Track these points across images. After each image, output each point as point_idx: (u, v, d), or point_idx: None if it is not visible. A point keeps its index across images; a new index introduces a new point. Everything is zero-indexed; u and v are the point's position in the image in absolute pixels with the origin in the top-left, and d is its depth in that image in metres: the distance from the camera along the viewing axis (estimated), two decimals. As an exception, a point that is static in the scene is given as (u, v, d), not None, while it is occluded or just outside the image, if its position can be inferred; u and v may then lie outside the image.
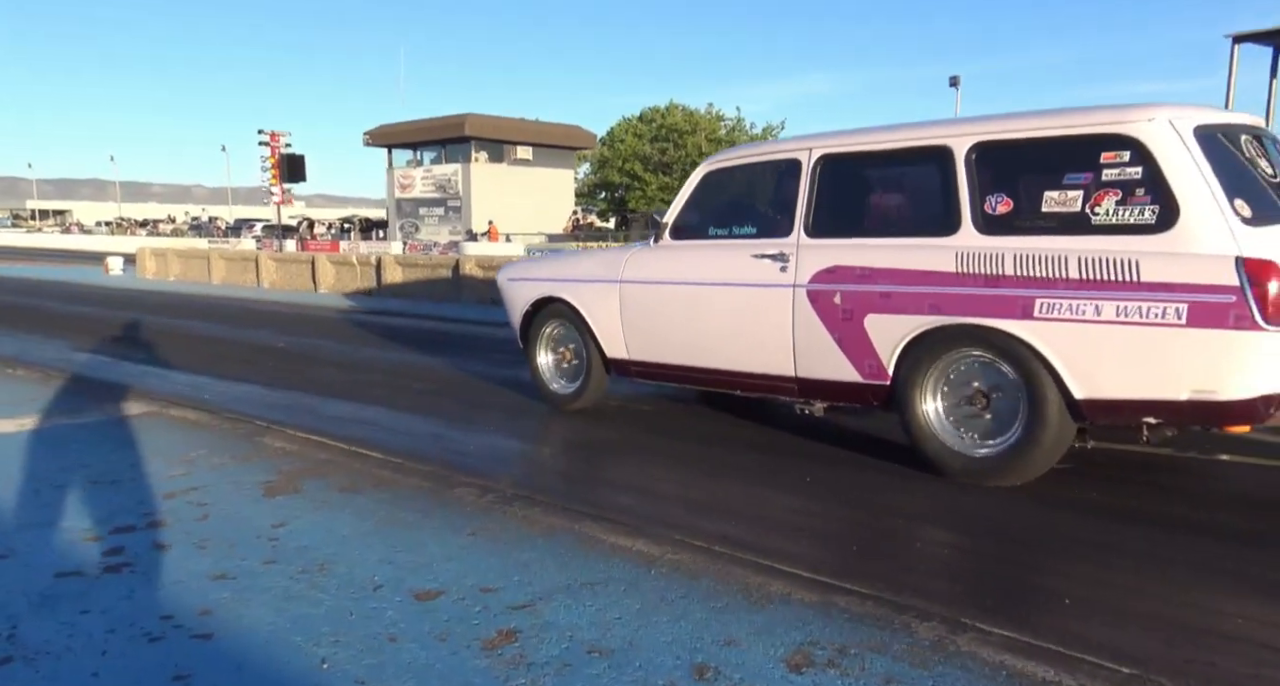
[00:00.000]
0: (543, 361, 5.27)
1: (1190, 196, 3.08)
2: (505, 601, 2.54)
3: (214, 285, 16.41)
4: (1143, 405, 3.18)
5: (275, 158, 17.20)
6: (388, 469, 3.92)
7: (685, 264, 4.46)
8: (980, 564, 2.89)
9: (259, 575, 2.76)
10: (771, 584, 2.64)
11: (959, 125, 3.66)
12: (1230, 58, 5.84)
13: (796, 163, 4.09)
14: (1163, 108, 3.23)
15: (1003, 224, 3.45)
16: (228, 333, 9.42)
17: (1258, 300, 2.91)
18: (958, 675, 2.09)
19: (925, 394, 3.67)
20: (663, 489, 3.77)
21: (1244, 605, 2.49)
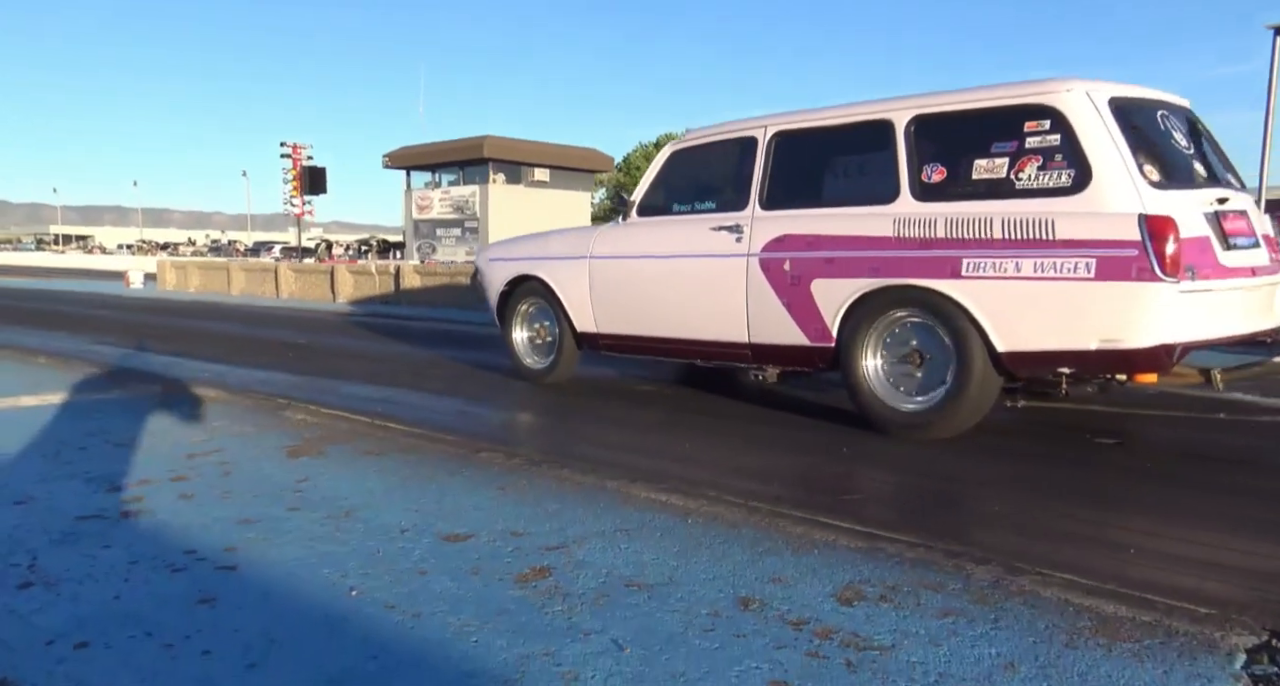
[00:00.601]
0: (518, 337, 5.46)
1: (1102, 161, 3.29)
2: (537, 543, 2.45)
3: (233, 295, 16.48)
4: (1058, 356, 3.36)
5: (297, 170, 17.37)
6: (413, 438, 3.84)
7: (650, 239, 4.65)
8: (1018, 514, 2.77)
9: (283, 520, 2.67)
10: (815, 533, 2.52)
11: (900, 100, 3.87)
12: (1273, 49, 5.76)
13: (753, 140, 4.31)
14: (1080, 81, 3.45)
15: (937, 191, 3.66)
16: (248, 331, 9.42)
17: (1157, 254, 3.11)
18: (1021, 610, 1.97)
19: (866, 354, 3.84)
20: (695, 456, 3.67)
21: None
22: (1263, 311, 3.70)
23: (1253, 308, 3.62)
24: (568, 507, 2.78)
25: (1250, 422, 3.88)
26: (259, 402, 4.68)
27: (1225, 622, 1.84)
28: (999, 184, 3.50)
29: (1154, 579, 2.16)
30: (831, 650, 1.79)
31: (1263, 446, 3.74)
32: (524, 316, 5.43)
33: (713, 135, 4.59)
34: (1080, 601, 1.98)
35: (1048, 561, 2.27)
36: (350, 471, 3.26)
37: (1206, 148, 3.82)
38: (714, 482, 3.10)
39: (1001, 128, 3.54)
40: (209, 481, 3.11)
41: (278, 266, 16.28)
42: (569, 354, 5.18)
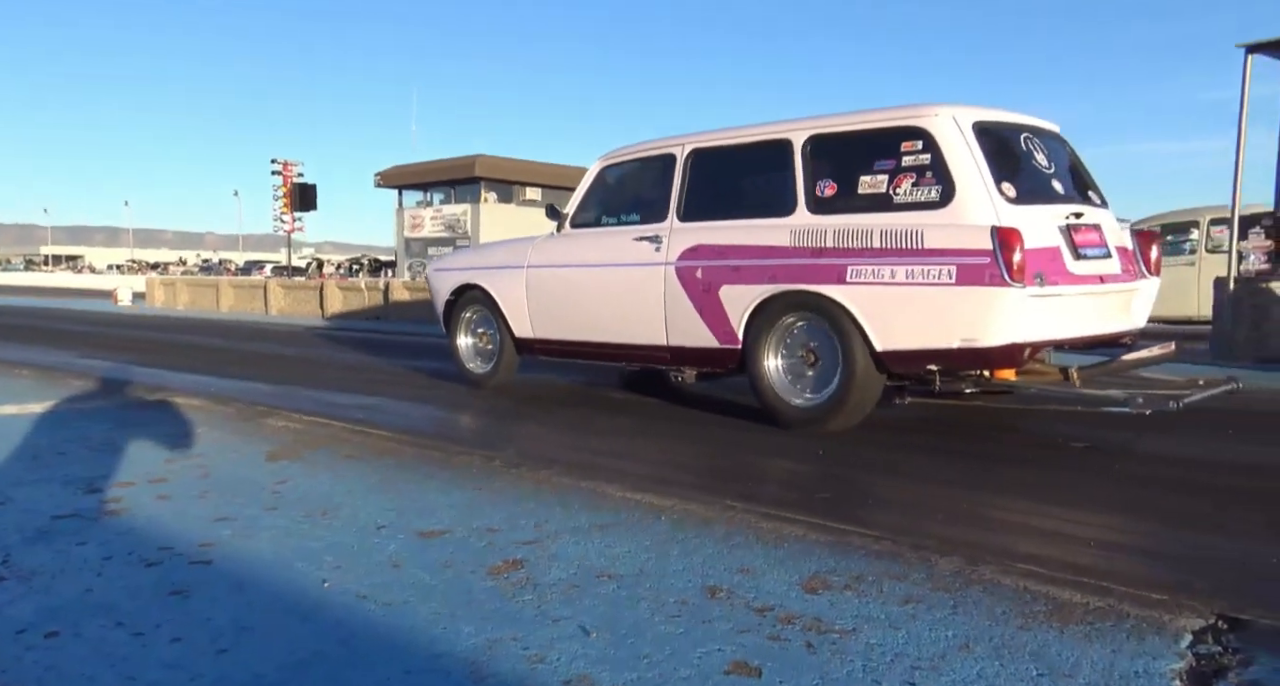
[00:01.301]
0: (462, 343, 5.70)
1: (964, 178, 3.61)
2: (512, 538, 2.48)
3: (222, 312, 16.46)
4: (927, 354, 3.66)
5: (287, 187, 17.42)
6: (391, 442, 3.86)
7: (580, 249, 4.93)
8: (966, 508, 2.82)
9: (260, 518, 2.69)
10: (785, 528, 2.56)
11: (799, 122, 4.18)
12: (1244, 68, 5.90)
13: (672, 157, 4.60)
14: (948, 106, 3.78)
15: (829, 204, 3.96)
16: (234, 345, 9.42)
17: (1005, 262, 3.40)
18: (980, 596, 2.01)
19: (768, 354, 4.11)
20: (669, 458, 3.72)
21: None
22: (1116, 315, 4.02)
23: (1105, 311, 3.94)
24: (544, 506, 2.81)
25: (1113, 415, 3.89)
26: (240, 410, 4.69)
27: (1175, 607, 1.88)
28: (880, 198, 3.81)
29: (1109, 568, 2.21)
30: (793, 633, 1.82)
31: (1138, 438, 3.81)
32: (467, 324, 5.68)
33: (637, 152, 4.89)
34: (1037, 588, 2.03)
35: (1009, 552, 2.32)
36: (328, 473, 3.28)
37: (1069, 168, 4.16)
38: (688, 482, 3.14)
39: (882, 147, 3.86)
40: (187, 483, 3.13)
41: (267, 283, 16.29)
42: (509, 359, 5.43)
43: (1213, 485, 3.13)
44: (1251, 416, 4.45)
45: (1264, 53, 5.99)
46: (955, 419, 4.42)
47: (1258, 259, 6.20)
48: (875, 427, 4.24)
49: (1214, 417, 4.35)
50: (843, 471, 3.42)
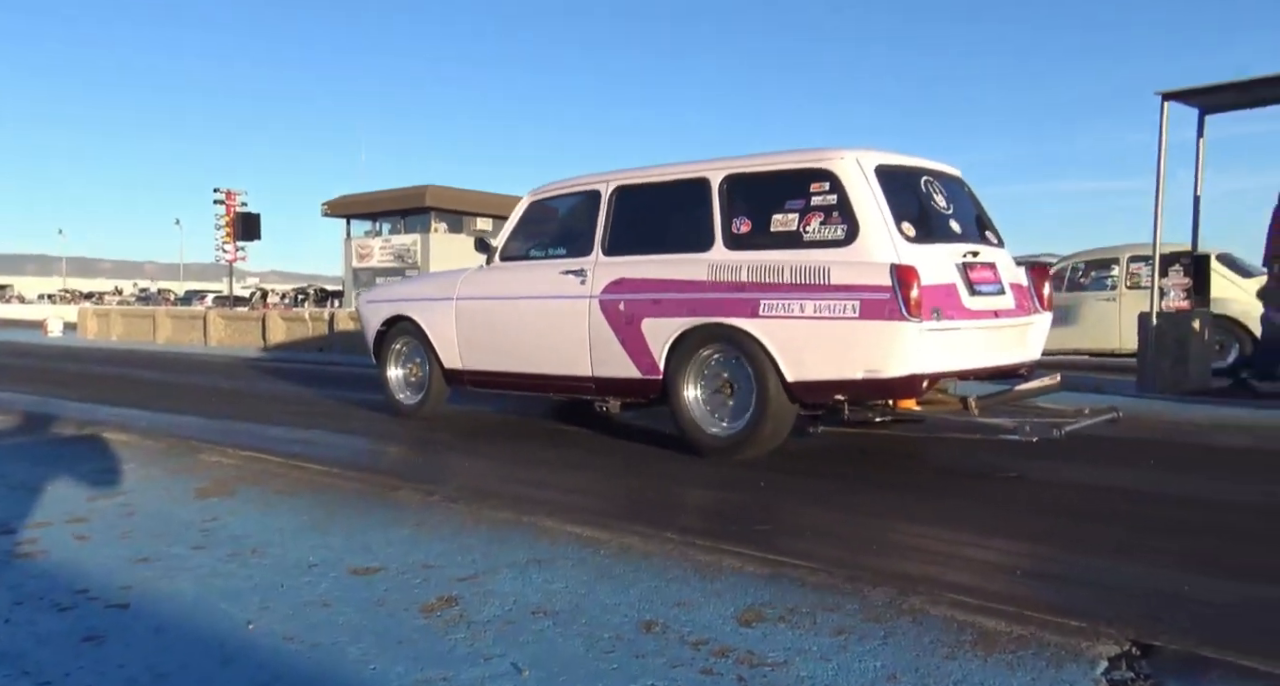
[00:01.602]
0: (393, 375, 5.74)
1: (867, 218, 3.80)
2: (448, 575, 2.44)
3: (158, 343, 15.97)
4: (834, 384, 3.84)
5: (230, 216, 17.10)
6: (328, 477, 3.78)
7: (509, 282, 5.02)
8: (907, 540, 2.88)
9: (185, 558, 2.61)
10: (724, 560, 2.57)
11: (716, 162, 4.34)
12: (1160, 115, 6.23)
13: (598, 193, 4.72)
14: (853, 150, 3.97)
15: (744, 241, 4.12)
16: (170, 378, 9.14)
17: (903, 298, 3.59)
18: (909, 627, 2.05)
19: (688, 385, 4.24)
20: (610, 491, 3.72)
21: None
22: (1012, 347, 4.22)
23: (1001, 344, 4.14)
24: (482, 541, 2.78)
25: (1040, 446, 4.05)
26: (171, 445, 4.55)
27: (1093, 634, 1.94)
28: (791, 236, 3.98)
29: (1033, 596, 2.27)
30: (726, 667, 1.83)
31: (1056, 466, 3.96)
32: (398, 355, 5.72)
33: (564, 188, 5.01)
34: (964, 618, 2.07)
35: (939, 582, 2.37)
36: (261, 510, 3.20)
37: (968, 209, 4.38)
38: (626, 515, 3.14)
39: (793, 188, 4.03)
40: (109, 523, 3.02)
41: (207, 313, 15.87)
42: (438, 390, 5.47)
43: (1132, 514, 3.24)
44: (1170, 447, 4.63)
45: (1178, 100, 6.33)
46: (883, 449, 4.51)
47: (1177, 295, 6.48)
48: (809, 458, 4.30)
49: (1136, 448, 4.53)
50: (780, 503, 3.46)
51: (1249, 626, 2.11)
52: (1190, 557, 2.67)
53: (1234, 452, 4.57)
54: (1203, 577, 2.46)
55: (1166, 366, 6.20)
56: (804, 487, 3.71)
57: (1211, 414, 5.31)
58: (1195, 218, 6.70)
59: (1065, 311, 9.28)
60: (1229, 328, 7.66)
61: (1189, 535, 2.94)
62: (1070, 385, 6.83)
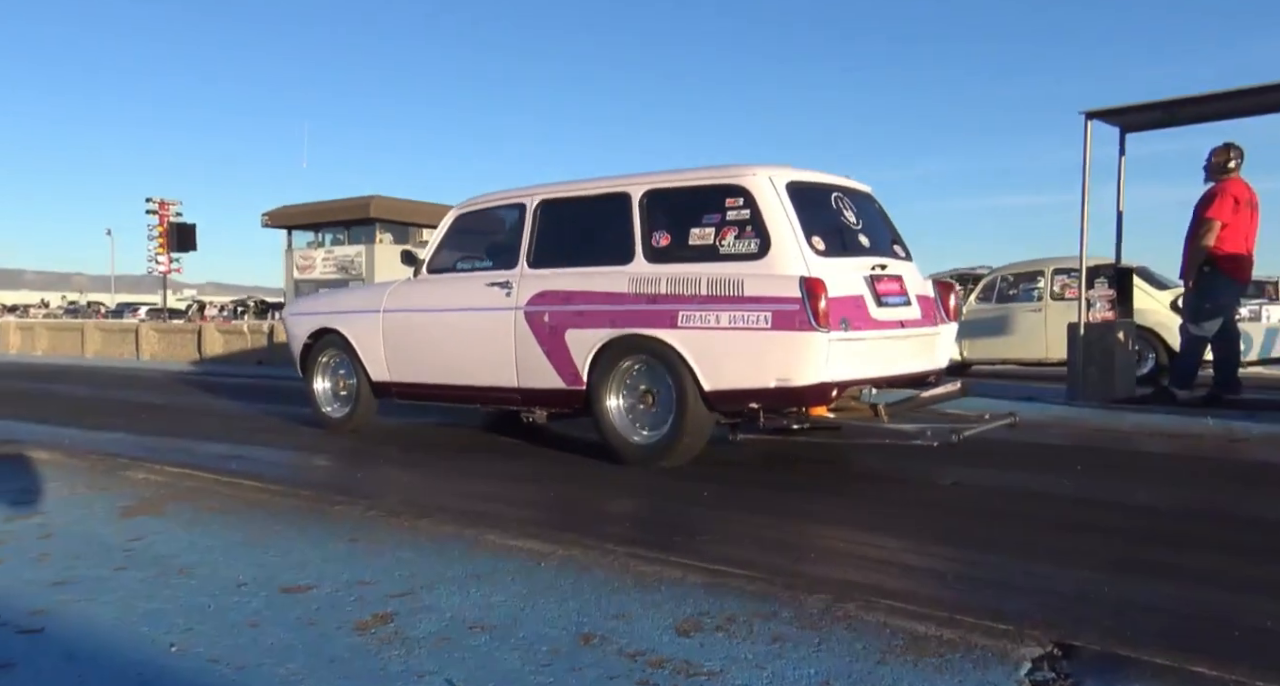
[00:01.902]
0: (319, 388, 5.70)
1: (778, 232, 3.94)
2: (383, 591, 2.40)
3: (87, 357, 15.37)
4: (748, 393, 3.94)
5: (164, 226, 16.55)
6: (264, 494, 3.68)
7: (435, 294, 5.05)
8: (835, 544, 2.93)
9: (107, 580, 2.51)
10: (665, 571, 2.57)
11: (637, 177, 4.46)
12: (1085, 133, 6.48)
13: (523, 206, 4.79)
14: (766, 167, 4.12)
15: (663, 254, 4.23)
16: (99, 393, 8.81)
17: (812, 309, 3.73)
18: (844, 633, 2.08)
19: (611, 395, 4.33)
20: (554, 503, 3.70)
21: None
22: (919, 356, 4.39)
23: (908, 353, 4.31)
24: (421, 556, 2.74)
25: (971, 453, 4.23)
26: (95, 463, 4.38)
27: (1018, 636, 1.99)
28: (708, 249, 4.10)
29: (964, 600, 2.33)
30: (662, 677, 1.83)
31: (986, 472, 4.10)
32: (325, 367, 5.68)
33: (490, 201, 5.07)
34: (897, 623, 2.11)
35: (876, 588, 2.41)
36: (190, 529, 3.10)
37: (877, 224, 4.56)
38: (568, 526, 3.13)
39: (709, 203, 4.15)
40: (25, 545, 2.89)
41: (139, 326, 15.35)
42: (366, 402, 5.46)
43: (1061, 518, 3.35)
44: (1098, 453, 4.80)
45: (1101, 119, 6.61)
46: (818, 457, 4.58)
47: (1103, 307, 6.74)
48: (748, 467, 4.36)
49: (1065, 454, 4.68)
50: (722, 512, 3.48)
51: (1166, 625, 2.19)
52: (1114, 560, 2.76)
53: (1156, 458, 4.75)
54: (1125, 579, 2.55)
55: (1094, 375, 6.44)
56: (745, 496, 3.74)
57: (1136, 421, 5.52)
58: (1119, 232, 6.99)
59: (995, 323, 9.59)
60: (1145, 337, 7.98)
61: (1114, 537, 3.04)
62: (1006, 394, 7.05)
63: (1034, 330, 9.21)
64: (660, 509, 3.63)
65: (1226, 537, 3.03)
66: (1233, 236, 5.70)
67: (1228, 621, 2.19)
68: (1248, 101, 5.93)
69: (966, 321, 9.79)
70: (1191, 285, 5.89)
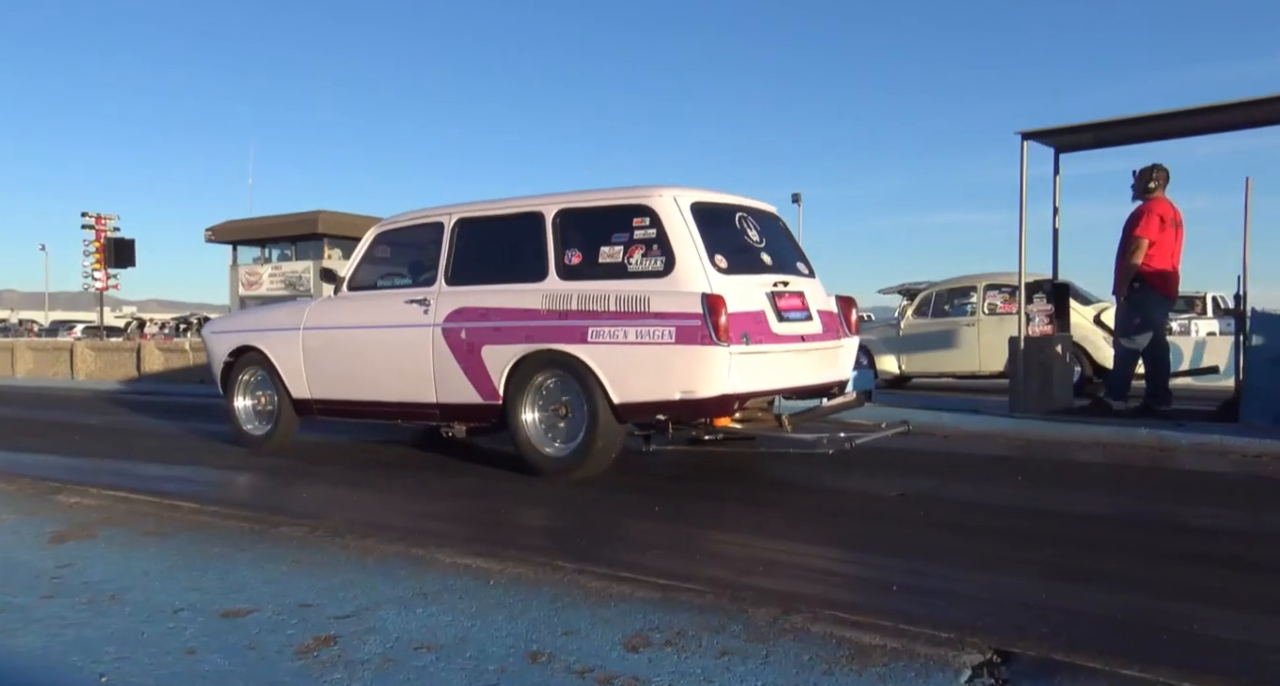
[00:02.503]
0: (240, 406, 5.68)
1: (682, 251, 4.10)
2: (326, 614, 2.35)
3: (18, 377, 14.77)
4: (655, 405, 4.09)
5: (100, 242, 16.03)
6: (203, 515, 3.58)
7: (355, 311, 5.12)
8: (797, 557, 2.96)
9: (33, 609, 2.41)
10: (614, 586, 2.57)
11: (550, 197, 4.59)
12: (1021, 152, 6.70)
13: (440, 225, 4.87)
14: (671, 188, 4.27)
15: (575, 271, 4.35)
16: (28, 413, 8.47)
17: (713, 324, 3.89)
18: (791, 645, 2.10)
19: (526, 409, 4.43)
20: (501, 520, 3.67)
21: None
22: (822, 368, 4.58)
23: (811, 365, 4.49)
24: (367, 576, 2.69)
25: (918, 465, 4.50)
26: (24, 487, 4.21)
27: (960, 644, 2.04)
28: (617, 267, 4.24)
29: (908, 610, 2.37)
30: (610, 694, 1.83)
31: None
32: (246, 385, 5.66)
33: (410, 220, 5.13)
34: (843, 634, 2.14)
35: (822, 600, 2.44)
36: (125, 554, 2.99)
37: (781, 243, 4.75)
38: (517, 542, 3.11)
39: (618, 222, 4.29)
40: (-53, 573, 2.76)
41: (74, 345, 14.81)
42: (288, 419, 5.45)
43: (1002, 528, 3.43)
44: (1036, 463, 4.94)
45: (1036, 139, 6.85)
46: (759, 469, 4.63)
47: (1041, 321, 6.96)
48: (694, 479, 4.38)
49: (1006, 465, 4.81)
50: (670, 526, 3.48)
51: (1100, 630, 2.26)
52: (1052, 567, 2.85)
53: (1093, 467, 4.91)
54: (1062, 585, 2.63)
55: (1034, 388, 6.62)
56: (692, 510, 3.76)
57: (1074, 431, 5.69)
58: (1055, 248, 7.23)
59: (931, 337, 9.84)
60: (1072, 351, 8.29)
61: (1052, 546, 3.13)
62: (949, 406, 7.21)
63: (968, 344, 9.49)
64: (609, 523, 3.62)
65: (1158, 543, 3.14)
66: (1160, 254, 5.95)
67: (1157, 625, 2.27)
68: (1174, 124, 6.21)
69: (904, 336, 10.03)
70: (1123, 301, 6.11)
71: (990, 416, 6.49)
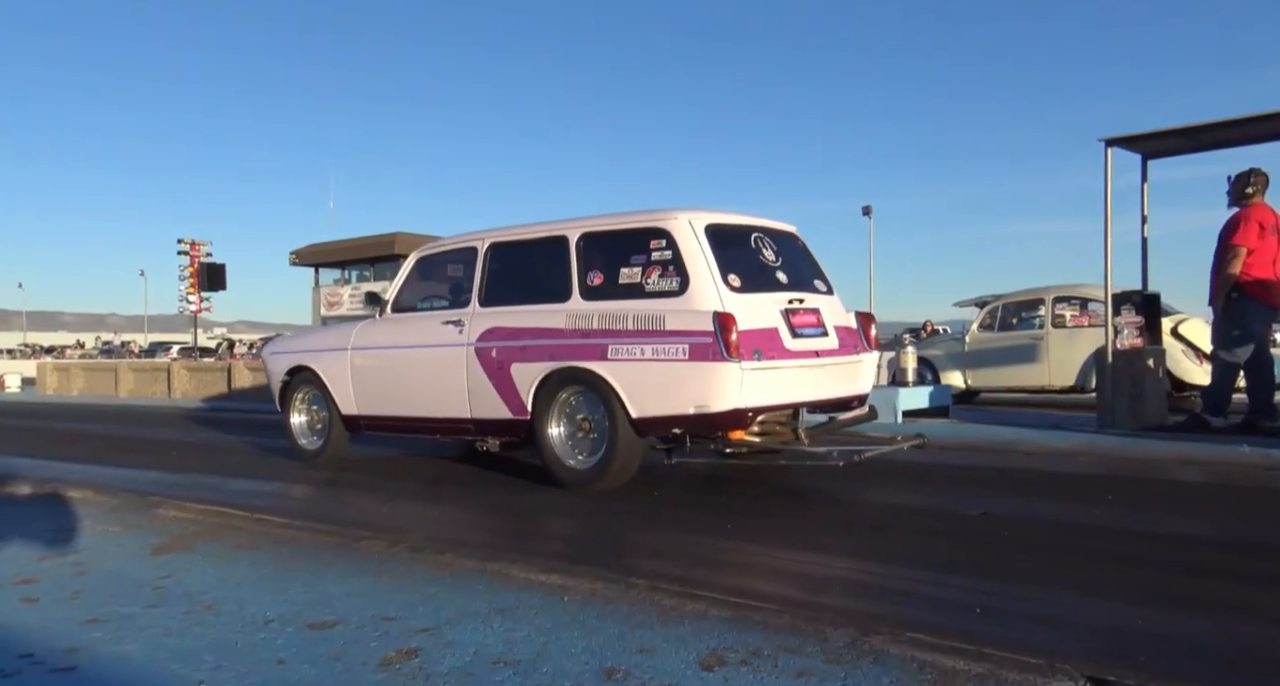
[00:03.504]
0: (296, 422, 5.99)
1: (696, 271, 4.25)
2: (408, 626, 2.41)
3: (121, 396, 15.66)
4: (671, 419, 4.24)
5: (194, 266, 16.94)
6: (292, 530, 3.72)
7: (397, 332, 5.38)
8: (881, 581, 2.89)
9: (137, 618, 2.55)
10: (687, 604, 2.56)
11: (574, 221, 4.78)
12: (1105, 160, 6.47)
13: (475, 249, 5.11)
14: (686, 211, 4.43)
15: (597, 291, 4.54)
16: (131, 431, 8.96)
17: (724, 341, 4.03)
18: (870, 667, 2.05)
19: (552, 423, 4.61)
20: (578, 536, 3.70)
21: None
22: (838, 383, 4.65)
23: (828, 380, 4.58)
24: (445, 590, 2.75)
25: (1001, 483, 4.34)
26: (128, 501, 4.45)
27: (1049, 670, 1.96)
28: (635, 287, 4.42)
29: (993, 633, 2.29)
30: (686, 713, 1.82)
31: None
32: (301, 402, 5.97)
33: (447, 245, 5.41)
34: (924, 657, 2.08)
35: (901, 621, 2.38)
36: (219, 565, 3.14)
37: (798, 261, 4.85)
38: (591, 559, 3.12)
39: (636, 244, 4.47)
40: (58, 583, 2.94)
41: (171, 365, 15.63)
42: (338, 435, 5.72)
43: (1092, 549, 3.29)
44: (1129, 482, 4.72)
45: (1122, 146, 6.59)
46: (829, 489, 4.54)
47: (1131, 333, 6.66)
48: (759, 496, 4.32)
49: (1096, 483, 4.60)
50: (744, 543, 3.45)
51: (1199, 659, 2.14)
52: (1148, 591, 2.71)
53: (1190, 487, 4.66)
54: (1160, 611, 2.50)
55: (1124, 403, 6.34)
56: (765, 527, 3.71)
57: (1168, 449, 5.42)
58: (1144, 259, 6.92)
59: (997, 351, 9.51)
60: None
61: (1147, 569, 2.99)
62: (1029, 423, 6.96)
63: (1037, 357, 9.16)
64: (681, 541, 3.61)
65: (1264, 569, 2.96)
66: (1259, 262, 5.64)
67: (1261, 656, 2.14)
68: (1270, 126, 5.90)
69: (970, 351, 9.72)
70: (1220, 312, 5.81)
71: (1076, 433, 6.24)
